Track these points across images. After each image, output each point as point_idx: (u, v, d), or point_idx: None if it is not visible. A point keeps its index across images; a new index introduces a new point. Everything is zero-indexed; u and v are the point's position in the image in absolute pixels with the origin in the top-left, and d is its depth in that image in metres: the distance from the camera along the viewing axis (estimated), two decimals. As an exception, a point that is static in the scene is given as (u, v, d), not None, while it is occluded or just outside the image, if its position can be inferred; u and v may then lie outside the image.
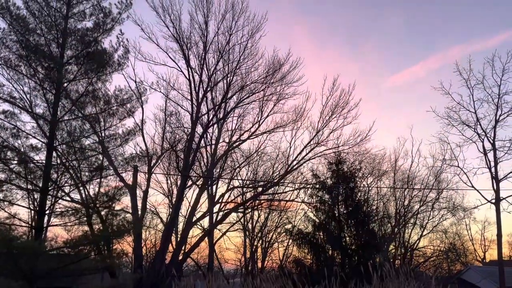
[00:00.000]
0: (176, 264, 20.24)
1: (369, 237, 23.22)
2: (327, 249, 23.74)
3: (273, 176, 25.09)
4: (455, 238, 34.11)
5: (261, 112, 22.45)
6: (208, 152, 23.65)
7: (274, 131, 23.25)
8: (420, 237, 30.93)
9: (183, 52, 20.31)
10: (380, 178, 30.72)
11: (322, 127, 22.77)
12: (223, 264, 33.71)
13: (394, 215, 29.87)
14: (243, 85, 21.63)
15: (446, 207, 30.34)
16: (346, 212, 23.93)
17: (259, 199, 25.22)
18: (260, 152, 25.02)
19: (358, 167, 27.82)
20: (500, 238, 22.53)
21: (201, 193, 22.46)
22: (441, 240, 32.37)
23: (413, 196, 29.90)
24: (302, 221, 26.89)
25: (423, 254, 31.85)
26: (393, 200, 30.22)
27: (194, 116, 20.60)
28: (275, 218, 31.47)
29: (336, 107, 22.65)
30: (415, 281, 13.62)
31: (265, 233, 32.03)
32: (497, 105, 22.31)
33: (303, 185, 24.78)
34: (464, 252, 35.72)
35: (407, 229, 30.82)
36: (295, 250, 27.13)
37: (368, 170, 29.82)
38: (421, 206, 30.01)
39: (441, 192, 29.68)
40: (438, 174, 29.23)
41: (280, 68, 21.66)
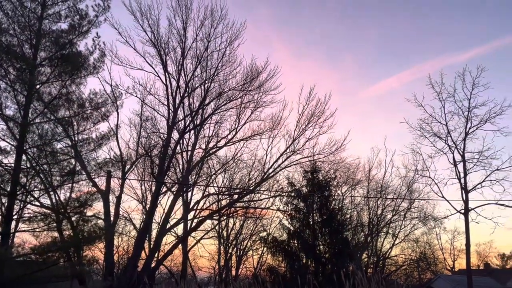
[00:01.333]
0: (148, 272, 19.89)
1: (343, 245, 23.45)
2: (301, 257, 23.84)
3: (249, 183, 25.08)
4: (426, 247, 34.83)
5: (238, 119, 22.46)
6: (184, 159, 23.47)
7: (251, 138, 23.28)
8: (392, 246, 31.45)
9: (160, 57, 20.16)
10: (354, 187, 31.17)
11: (298, 135, 22.94)
12: (197, 271, 33.40)
13: (367, 224, 30.29)
14: (220, 92, 21.61)
15: (418, 217, 31.00)
16: (321, 221, 24.13)
17: (234, 207, 25.12)
18: (236, 159, 24.99)
19: (333, 176, 28.18)
20: (469, 248, 23.09)
21: (175, 199, 22.22)
22: (413, 249, 33.02)
23: (386, 205, 30.42)
24: (277, 229, 27.00)
25: (395, 263, 32.36)
26: (367, 209, 30.68)
27: (170, 122, 20.41)
28: (250, 225, 31.47)
29: (312, 116, 22.88)
30: (386, 289, 13.79)
31: (240, 241, 31.95)
32: (467, 118, 23.00)
33: (278, 193, 24.85)
34: (434, 261, 36.47)
35: (380, 238, 31.30)
36: (269, 258, 27.16)
37: (342, 179, 30.21)
38: (393, 215, 30.56)
39: (413, 202, 30.29)
40: (410, 184, 29.86)
41: (258, 76, 21.75)
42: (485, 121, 22.55)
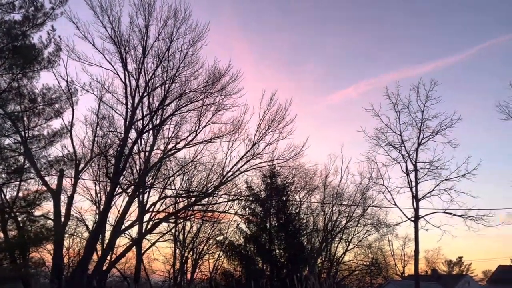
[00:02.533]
0: (99, 274, 19.27)
1: (298, 250, 23.75)
2: (257, 261, 23.90)
3: (207, 186, 24.87)
4: (378, 253, 35.85)
5: (199, 122, 22.22)
6: (141, 159, 22.92)
7: (211, 141, 23.07)
8: (346, 251, 32.19)
9: (120, 54, 19.65)
10: (311, 193, 31.62)
11: (258, 140, 22.99)
12: (151, 275, 32.69)
13: (322, 229, 30.81)
14: (182, 93, 21.32)
15: (371, 223, 31.87)
16: (278, 225, 24.33)
17: (192, 210, 24.82)
18: (195, 161, 24.71)
19: (291, 181, 28.48)
20: (417, 254, 23.97)
21: (131, 201, 21.67)
22: (365, 255, 33.90)
23: (341, 211, 31.07)
24: (234, 233, 26.96)
25: (348, 268, 33.08)
26: (322, 215, 31.20)
27: (128, 121, 19.91)
28: (208, 229, 31.22)
29: (272, 121, 23.01)
30: (337, 294, 14.07)
31: (196, 244, 31.61)
32: (420, 129, 23.95)
33: (237, 197, 24.81)
34: (385, 267, 37.60)
35: (334, 243, 31.92)
36: (225, 262, 27.03)
37: (300, 185, 30.59)
38: (347, 221, 31.26)
39: (366, 209, 31.12)
40: (364, 192, 30.68)
41: (220, 79, 21.63)
42: (436, 132, 23.56)
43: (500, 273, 40.28)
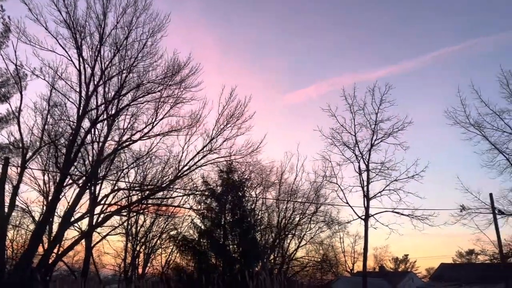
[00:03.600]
0: (45, 268, 18.52)
1: (252, 246, 23.89)
2: (210, 257, 23.85)
3: (162, 180, 24.47)
4: (329, 250, 36.75)
5: (156, 114, 21.76)
6: (94, 150, 22.20)
7: (168, 134, 22.66)
8: (298, 247, 32.74)
9: (75, 40, 18.89)
10: (267, 189, 31.91)
11: (216, 135, 22.86)
12: (101, 269, 31.82)
13: (276, 226, 31.18)
14: (139, 84, 20.81)
15: (323, 221, 32.61)
16: (232, 221, 24.35)
17: (145, 203, 24.34)
18: (151, 154, 24.22)
19: (248, 177, 28.57)
20: (366, 251, 24.84)
21: (82, 192, 20.93)
22: (317, 251, 34.63)
23: (295, 208, 31.59)
24: (188, 227, 26.70)
25: (300, 264, 33.68)
26: (277, 212, 31.58)
27: (81, 110, 19.21)
28: (161, 223, 30.75)
29: (231, 116, 22.95)
30: (288, 289, 14.31)
31: (149, 239, 31.05)
32: (374, 130, 24.80)
33: (192, 192, 24.57)
34: (336, 263, 38.62)
35: (287, 240, 32.40)
36: (178, 257, 26.76)
37: (257, 181, 30.78)
38: (301, 218, 31.82)
39: (319, 206, 31.83)
40: (318, 189, 31.34)
41: (180, 71, 21.28)
42: (389, 135, 24.49)
43: (441, 270, 42.42)
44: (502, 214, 22.80)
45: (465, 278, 34.06)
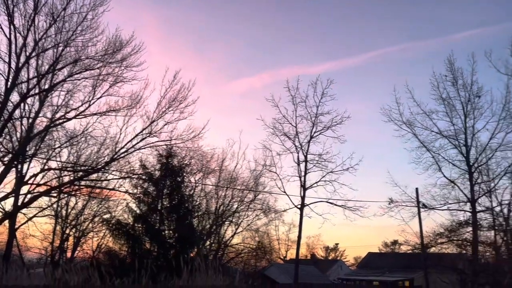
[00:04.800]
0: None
1: (188, 232, 23.74)
2: (145, 242, 23.40)
3: (97, 161, 23.50)
4: (265, 237, 37.43)
5: (93, 92, 20.78)
6: (23, 126, 20.78)
7: (106, 114, 21.74)
8: (234, 234, 33.02)
9: (6, 6, 17.46)
10: (207, 176, 31.76)
11: (157, 118, 22.35)
12: (25, 252, 30.06)
13: (214, 212, 31.20)
14: (77, 59, 19.72)
15: (261, 208, 33.10)
16: (170, 206, 24.01)
17: (78, 185, 23.28)
18: (86, 134, 23.11)
19: (188, 163, 28.24)
20: (300, 240, 25.67)
21: (7, 170, 19.60)
22: (252, 238, 35.14)
23: (234, 195, 31.77)
24: (123, 211, 25.92)
25: (235, 251, 34.03)
26: (215, 198, 31.58)
27: (10, 82, 17.87)
28: (94, 206, 29.60)
29: (174, 100, 22.52)
30: (222, 275, 14.45)
31: (80, 222, 29.80)
32: (314, 123, 25.49)
33: (129, 175, 23.87)
34: (270, 250, 39.46)
35: (224, 226, 32.56)
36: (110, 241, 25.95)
37: (197, 167, 30.51)
38: (239, 205, 32.09)
39: (258, 194, 32.27)
40: (257, 178, 31.75)
41: (121, 49, 20.43)
42: (328, 128, 25.30)
43: (368, 259, 44.88)
44: (425, 208, 24.55)
45: (389, 266, 36.36)
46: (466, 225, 24.08)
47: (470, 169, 24.44)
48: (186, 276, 13.10)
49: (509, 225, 24.66)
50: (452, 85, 25.34)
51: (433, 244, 24.30)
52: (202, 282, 13.16)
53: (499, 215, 25.07)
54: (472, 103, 24.90)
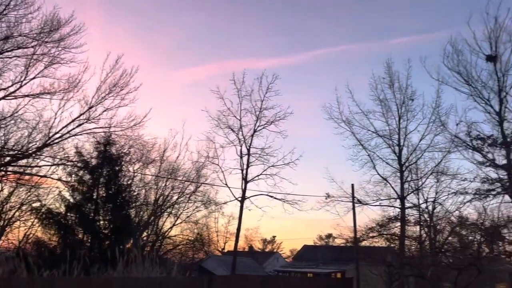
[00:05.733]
0: None
1: (125, 222, 23.09)
2: (78, 232, 22.46)
3: (28, 146, 22.07)
4: (204, 229, 37.36)
5: (26, 72, 19.40)
6: None
7: (39, 96, 20.41)
8: (173, 226, 32.63)
9: None
10: (147, 166, 31.02)
11: (96, 103, 21.40)
12: None
13: (153, 203, 30.59)
14: (8, 36, 18.29)
15: (201, 200, 32.94)
16: (106, 195, 23.17)
17: (5, 170, 21.75)
18: (16, 117, 21.58)
19: (127, 152, 27.42)
20: (239, 232, 25.91)
21: None
22: (191, 230, 34.94)
23: (174, 187, 31.34)
24: (55, 200, 24.64)
25: (173, 242, 33.65)
26: (155, 189, 30.96)
27: None
28: (23, 194, 27.81)
29: (115, 86, 21.67)
30: (159, 267, 14.22)
31: (5, 210, 27.87)
32: (258, 117, 25.73)
33: (63, 162, 22.69)
34: (208, 242, 39.49)
35: (163, 218, 32.04)
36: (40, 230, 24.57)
37: (136, 156, 29.69)
38: (179, 197, 31.71)
39: (199, 186, 32.07)
40: (199, 169, 31.52)
41: (59, 29, 19.25)
42: (271, 122, 25.65)
43: (304, 251, 46.28)
44: (359, 203, 25.70)
45: (323, 258, 37.74)
46: (395, 220, 25.51)
47: (401, 168, 25.90)
48: (121, 267, 12.75)
49: (433, 221, 26.52)
50: (389, 87, 26.65)
51: (365, 238, 25.51)
52: (138, 274, 12.87)
53: (424, 212, 26.88)
54: (406, 105, 26.35)
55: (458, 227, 25.64)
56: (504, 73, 22.06)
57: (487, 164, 22.13)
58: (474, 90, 22.78)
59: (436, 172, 25.97)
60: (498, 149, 21.81)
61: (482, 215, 23.30)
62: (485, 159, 22.02)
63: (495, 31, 22.28)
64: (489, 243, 21.89)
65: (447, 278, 23.25)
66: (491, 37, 22.39)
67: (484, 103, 22.55)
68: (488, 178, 21.77)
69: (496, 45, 22.28)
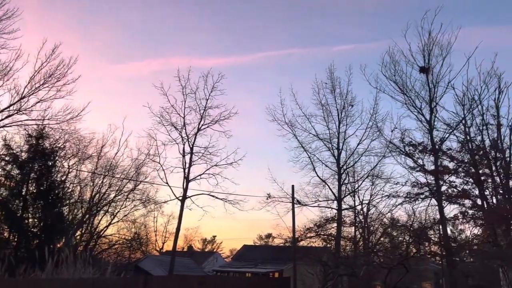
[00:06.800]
0: None
1: (56, 220, 21.97)
2: (3, 230, 21.04)
3: None
4: (142, 228, 36.37)
5: (-51, 56, 17.95)
6: None
7: (-37, 83, 18.94)
8: (109, 224, 31.43)
9: None
10: (83, 162, 29.66)
11: (29, 93, 20.14)
12: None
13: (88, 201, 29.30)
14: None
15: (140, 199, 32.03)
16: (37, 192, 21.90)
17: None
18: None
19: (62, 146, 26.13)
20: (178, 232, 25.47)
21: None
22: (128, 229, 33.87)
23: (112, 184, 30.21)
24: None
25: (108, 242, 32.43)
26: (91, 186, 29.67)
27: None
28: None
29: (50, 76, 20.54)
30: (92, 267, 13.63)
31: None
32: (202, 115, 25.50)
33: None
34: (146, 242, 38.50)
35: (98, 216, 30.78)
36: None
37: (72, 151, 28.32)
38: (117, 195, 30.61)
39: (138, 184, 31.15)
40: (139, 167, 30.63)
41: (-10, 12, 17.99)
42: (215, 121, 25.52)
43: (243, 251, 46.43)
44: (299, 204, 26.29)
45: (262, 258, 38.10)
46: (332, 221, 26.38)
47: (339, 171, 26.86)
48: (50, 268, 12.07)
49: (367, 222, 27.78)
50: (331, 92, 27.58)
51: (303, 238, 26.12)
52: (68, 275, 12.24)
53: (359, 213, 28.09)
54: (346, 111, 27.40)
55: (389, 228, 27.06)
56: (435, 85, 23.68)
57: (418, 169, 23.60)
58: (408, 99, 24.25)
59: (372, 175, 27.30)
60: (428, 156, 23.33)
61: (411, 217, 24.82)
62: (416, 164, 23.46)
63: (428, 44, 23.86)
64: (416, 243, 23.26)
65: (378, 277, 24.42)
66: (424, 50, 23.96)
67: (416, 112, 24.07)
68: (418, 183, 23.18)
69: (429, 57, 23.88)
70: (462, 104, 22.41)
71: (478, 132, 21.53)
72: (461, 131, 22.48)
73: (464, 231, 27.29)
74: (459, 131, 22.61)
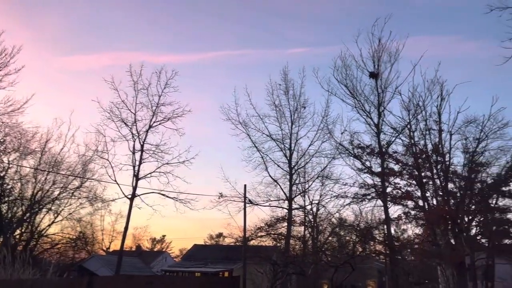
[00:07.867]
0: None
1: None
2: None
3: None
4: (88, 227, 34.94)
5: None
6: None
7: None
8: (52, 223, 29.95)
9: None
10: (25, 157, 28.09)
11: (-35, 83, 18.80)
12: None
13: (29, 198, 27.79)
14: None
15: (86, 197, 30.77)
16: (-29, 188, 20.52)
17: None
18: None
19: (2, 140, 24.68)
20: (126, 231, 24.80)
21: None
22: (73, 228, 32.45)
23: (56, 181, 28.84)
24: None
25: (51, 241, 30.92)
26: (33, 182, 28.15)
27: None
28: None
29: (-9, 65, 19.29)
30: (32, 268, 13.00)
31: None
32: (154, 112, 25.00)
33: None
34: (92, 241, 37.06)
35: (40, 214, 29.25)
36: None
37: (13, 146, 26.76)
38: (61, 192, 29.26)
39: (85, 181, 29.95)
40: (86, 163, 29.44)
41: None
42: (168, 119, 25.13)
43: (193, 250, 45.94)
44: (250, 203, 26.42)
45: (212, 257, 37.90)
46: (283, 220, 26.77)
47: (291, 171, 27.30)
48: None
49: (316, 222, 28.40)
50: (284, 94, 28.00)
51: (254, 237, 26.31)
52: (6, 275, 11.56)
53: (309, 213, 28.66)
54: (299, 112, 27.93)
55: (337, 228, 27.84)
56: (384, 90, 24.63)
57: (365, 171, 24.42)
58: (358, 103, 25.06)
59: (322, 176, 27.96)
60: (375, 158, 24.22)
61: (358, 217, 25.68)
62: (364, 166, 24.27)
63: (378, 51, 24.76)
64: (362, 243, 24.09)
65: (325, 275, 25.07)
66: (374, 56, 24.85)
67: (365, 115, 24.92)
68: (365, 184, 24.00)
69: (378, 63, 24.78)
70: (408, 109, 23.46)
71: (422, 137, 22.62)
72: (406, 135, 23.51)
73: (407, 230, 28.60)
74: (405, 135, 23.64)
